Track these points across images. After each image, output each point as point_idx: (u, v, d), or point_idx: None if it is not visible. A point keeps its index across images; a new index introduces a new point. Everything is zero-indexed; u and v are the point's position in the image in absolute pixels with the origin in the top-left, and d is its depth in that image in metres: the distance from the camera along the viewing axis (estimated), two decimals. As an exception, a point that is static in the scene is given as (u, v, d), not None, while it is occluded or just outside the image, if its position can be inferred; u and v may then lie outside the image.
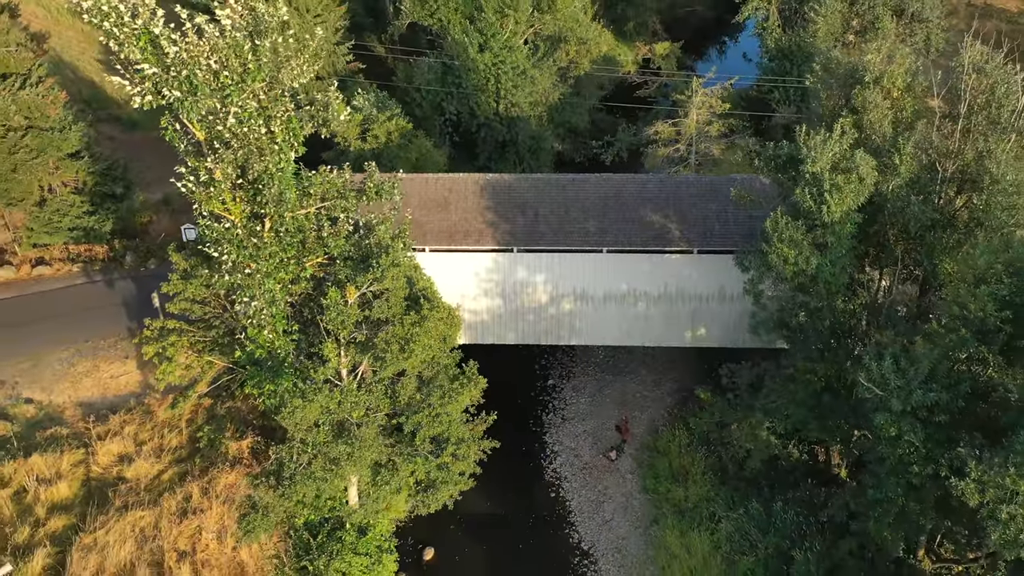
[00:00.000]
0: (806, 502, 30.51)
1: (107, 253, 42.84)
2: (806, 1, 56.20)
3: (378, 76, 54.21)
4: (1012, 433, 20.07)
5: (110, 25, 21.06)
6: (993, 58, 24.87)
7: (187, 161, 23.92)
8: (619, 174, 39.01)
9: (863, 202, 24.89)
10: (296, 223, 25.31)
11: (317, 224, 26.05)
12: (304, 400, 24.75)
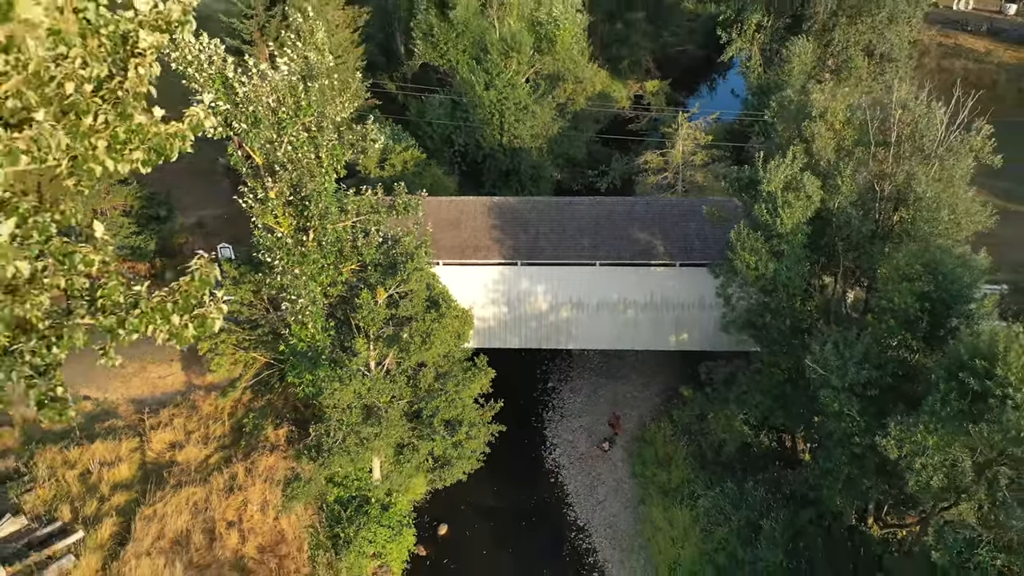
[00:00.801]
0: (773, 481, 35.10)
1: (149, 270, 47.82)
2: (784, 42, 61.94)
3: (392, 111, 59.68)
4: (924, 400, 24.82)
5: (192, 71, 26.21)
6: (919, 96, 30.06)
7: (247, 182, 28.98)
8: (610, 197, 44.28)
9: (812, 216, 29.94)
10: (335, 234, 30.30)
11: (353, 236, 31.04)
12: (341, 384, 29.53)
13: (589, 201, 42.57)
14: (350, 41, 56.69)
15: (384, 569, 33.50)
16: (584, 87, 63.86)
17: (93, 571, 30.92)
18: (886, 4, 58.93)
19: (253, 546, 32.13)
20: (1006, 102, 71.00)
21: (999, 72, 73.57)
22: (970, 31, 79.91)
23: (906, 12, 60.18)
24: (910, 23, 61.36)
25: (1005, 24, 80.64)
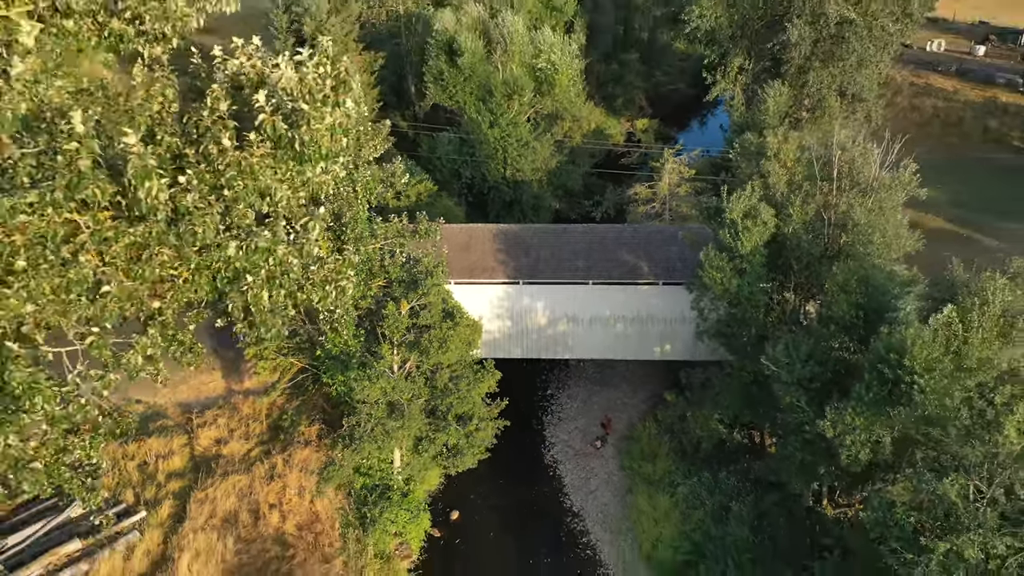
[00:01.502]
0: (743, 471, 40.55)
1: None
2: (763, 83, 68.22)
3: (404, 147, 65.89)
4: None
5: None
6: (855, 139, 36.06)
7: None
8: (602, 225, 50.23)
9: (768, 240, 35.78)
10: (366, 255, 36.07)
11: (380, 256, 36.83)
12: (370, 382, 35.17)
13: (583, 228, 48.56)
14: (367, 84, 63.08)
15: (404, 546, 38.86)
16: (580, 125, 70.22)
17: (156, 544, 36.32)
18: (855, 50, 64.92)
19: (292, 524, 37.55)
20: (972, 138, 77.46)
21: (965, 110, 79.94)
22: (940, 71, 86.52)
23: (874, 57, 66.24)
24: (878, 67, 67.45)
25: (973, 65, 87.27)
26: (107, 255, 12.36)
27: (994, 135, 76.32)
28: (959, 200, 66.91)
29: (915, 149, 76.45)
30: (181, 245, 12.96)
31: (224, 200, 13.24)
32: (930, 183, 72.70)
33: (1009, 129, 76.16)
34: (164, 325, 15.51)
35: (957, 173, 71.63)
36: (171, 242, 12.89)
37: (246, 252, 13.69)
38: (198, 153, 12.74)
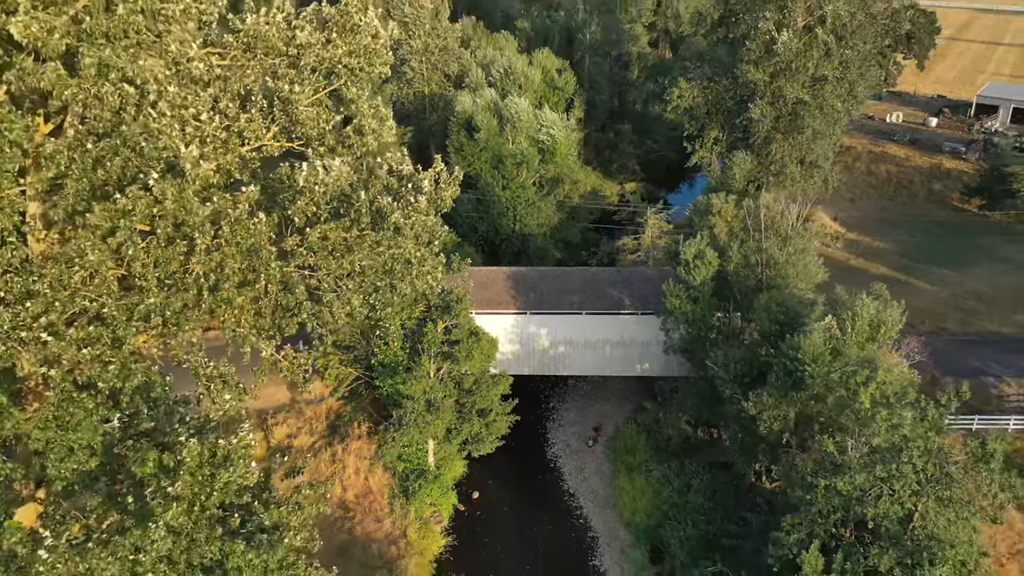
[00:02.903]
0: (703, 459, 52.45)
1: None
2: (734, 152, 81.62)
3: (429, 206, 79.20)
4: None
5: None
6: (778, 199, 49.02)
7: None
8: (593, 267, 63.02)
9: (714, 275, 48.46)
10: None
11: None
12: (415, 381, 47.55)
13: (579, 271, 61.51)
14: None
15: (437, 514, 50.74)
16: (578, 187, 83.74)
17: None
18: (809, 125, 78.35)
19: (352, 494, 49.59)
20: (919, 198, 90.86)
21: (914, 174, 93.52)
22: (896, 140, 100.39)
23: (826, 131, 79.61)
24: (830, 139, 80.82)
25: (925, 135, 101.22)
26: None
27: (937, 196, 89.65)
28: (904, 250, 79.91)
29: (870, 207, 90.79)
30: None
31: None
32: (881, 236, 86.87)
33: (950, 191, 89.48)
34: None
35: (905, 227, 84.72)
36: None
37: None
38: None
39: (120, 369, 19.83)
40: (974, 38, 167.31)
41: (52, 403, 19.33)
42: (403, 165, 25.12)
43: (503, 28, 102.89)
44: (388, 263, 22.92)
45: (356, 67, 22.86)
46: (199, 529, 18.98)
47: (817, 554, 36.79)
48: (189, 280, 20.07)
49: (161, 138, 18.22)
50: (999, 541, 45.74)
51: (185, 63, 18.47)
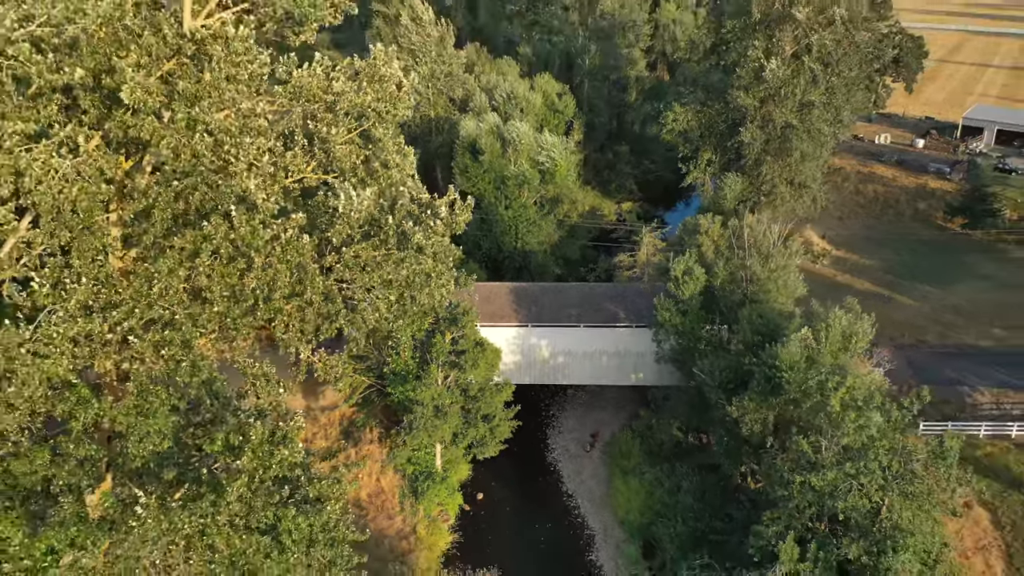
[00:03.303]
0: (693, 462, 56.30)
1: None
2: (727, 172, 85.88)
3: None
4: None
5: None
6: (761, 220, 53.15)
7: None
8: (591, 283, 67.11)
9: (702, 290, 52.51)
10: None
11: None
12: (424, 388, 51.52)
13: (577, 286, 65.65)
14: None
15: (444, 512, 54.58)
16: (577, 207, 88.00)
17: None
18: (798, 147, 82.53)
19: (365, 493, 53.46)
20: (904, 217, 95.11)
21: (901, 194, 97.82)
22: (883, 161, 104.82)
23: (814, 153, 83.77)
24: (817, 160, 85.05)
25: (911, 156, 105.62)
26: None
27: (922, 215, 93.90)
28: (889, 267, 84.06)
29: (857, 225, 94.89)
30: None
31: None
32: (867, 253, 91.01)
33: (934, 210, 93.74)
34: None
35: (890, 245, 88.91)
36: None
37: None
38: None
39: (190, 367, 23.84)
40: (964, 60, 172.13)
41: (133, 394, 23.33)
42: (422, 194, 29.20)
43: (506, 53, 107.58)
44: (411, 277, 26.98)
45: (383, 111, 27.05)
46: (257, 497, 22.91)
47: (793, 544, 40.64)
48: (247, 292, 24.13)
49: (234, 177, 22.36)
50: (966, 536, 49.51)
51: (252, 117, 22.61)
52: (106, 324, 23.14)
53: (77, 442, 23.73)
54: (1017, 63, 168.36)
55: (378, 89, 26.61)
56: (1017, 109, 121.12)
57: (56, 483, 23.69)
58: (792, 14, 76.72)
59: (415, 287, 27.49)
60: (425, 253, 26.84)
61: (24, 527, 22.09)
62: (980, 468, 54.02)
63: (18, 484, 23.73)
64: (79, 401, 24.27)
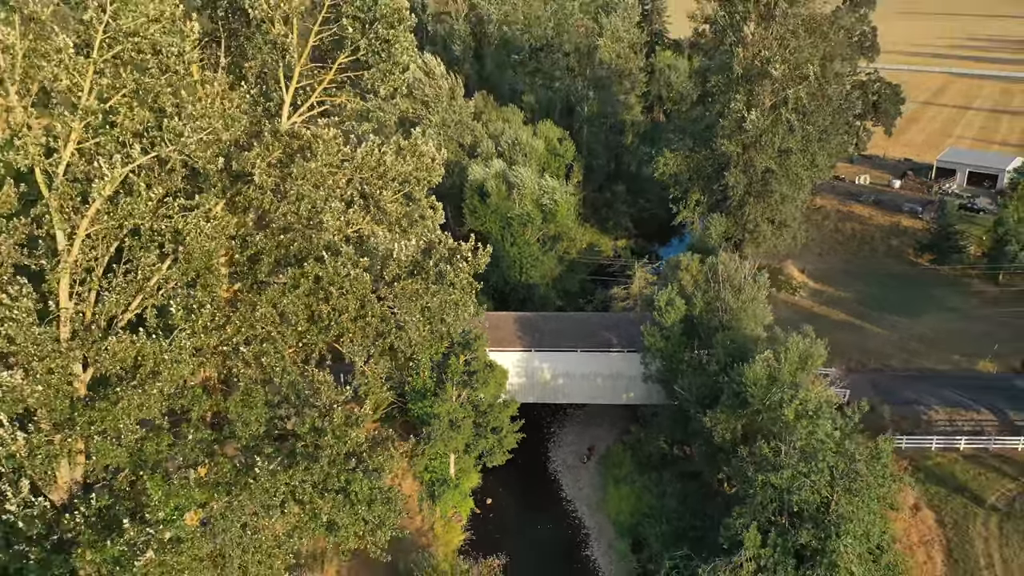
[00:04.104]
0: (677, 471, 64.46)
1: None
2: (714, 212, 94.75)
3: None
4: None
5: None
6: (733, 258, 61.89)
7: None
8: (588, 313, 75.74)
9: (683, 318, 61.10)
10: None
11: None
12: (440, 403, 59.95)
13: (575, 315, 74.34)
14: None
15: (458, 515, 62.72)
16: (576, 243, 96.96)
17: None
18: (777, 190, 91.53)
19: (388, 497, 61.48)
20: (879, 253, 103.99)
21: (876, 231, 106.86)
22: (861, 201, 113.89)
23: (793, 195, 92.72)
24: (795, 201, 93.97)
25: (887, 196, 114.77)
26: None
27: (895, 251, 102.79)
28: (862, 299, 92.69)
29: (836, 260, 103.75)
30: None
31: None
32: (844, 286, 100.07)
33: (906, 247, 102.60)
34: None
35: (864, 279, 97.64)
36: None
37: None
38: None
39: (282, 371, 32.25)
40: (947, 102, 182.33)
41: (240, 391, 31.74)
42: (450, 241, 37.96)
43: (511, 100, 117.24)
44: (443, 305, 35.53)
45: (421, 177, 35.82)
46: (334, 466, 31.20)
47: (756, 533, 48.77)
48: (324, 316, 32.65)
49: (322, 232, 31.01)
50: (912, 532, 57.58)
51: (339, 189, 31.25)
52: (218, 339, 31.69)
53: (196, 428, 32.26)
54: (996, 106, 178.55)
55: (416, 162, 35.46)
56: (987, 152, 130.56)
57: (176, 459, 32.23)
58: (769, 71, 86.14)
59: (446, 312, 36.12)
60: (456, 287, 35.46)
61: (162, 487, 30.56)
62: (930, 476, 62.32)
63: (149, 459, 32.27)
64: (194, 397, 32.88)
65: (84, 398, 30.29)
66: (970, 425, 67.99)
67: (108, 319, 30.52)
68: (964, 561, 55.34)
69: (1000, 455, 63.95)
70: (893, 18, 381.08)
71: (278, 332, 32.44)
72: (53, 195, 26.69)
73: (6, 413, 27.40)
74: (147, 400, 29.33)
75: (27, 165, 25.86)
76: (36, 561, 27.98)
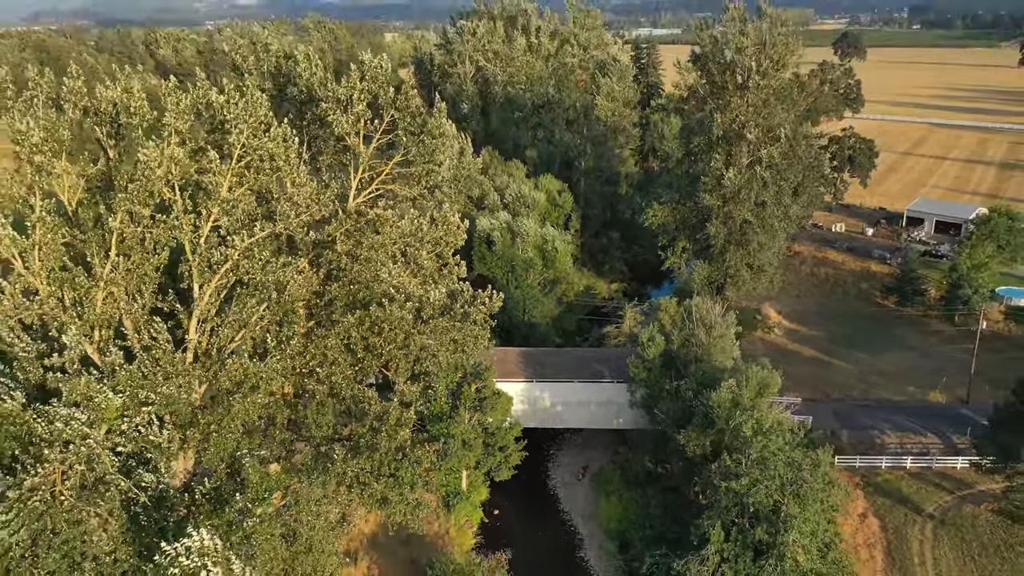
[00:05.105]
0: (659, 485, 75.16)
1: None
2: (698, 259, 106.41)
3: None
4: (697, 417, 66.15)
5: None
6: (706, 301, 73.35)
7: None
8: (583, 348, 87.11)
9: (663, 352, 72.32)
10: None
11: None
12: (455, 425, 70.97)
13: (572, 351, 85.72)
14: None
15: (469, 522, 73.43)
16: (573, 287, 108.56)
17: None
18: (755, 239, 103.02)
19: (410, 506, 72.20)
20: (849, 295, 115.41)
21: (848, 276, 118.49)
22: (836, 247, 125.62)
23: (769, 244, 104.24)
24: (772, 249, 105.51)
25: (860, 243, 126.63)
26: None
27: (864, 294, 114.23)
28: (832, 337, 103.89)
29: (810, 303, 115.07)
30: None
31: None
32: (816, 326, 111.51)
33: (874, 290, 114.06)
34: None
35: (836, 319, 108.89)
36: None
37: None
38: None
39: (347, 387, 43.35)
40: (925, 152, 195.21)
41: (315, 402, 42.85)
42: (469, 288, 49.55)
43: (514, 155, 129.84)
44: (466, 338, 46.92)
45: (449, 240, 47.47)
46: (387, 456, 42.17)
47: (720, 531, 59.51)
48: (377, 345, 44.00)
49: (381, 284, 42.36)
50: (859, 536, 68.19)
51: (395, 254, 42.96)
52: (300, 363, 42.99)
53: (280, 430, 43.49)
54: (972, 156, 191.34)
55: (445, 229, 47.21)
56: (954, 202, 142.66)
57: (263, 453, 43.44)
58: (744, 134, 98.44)
59: (467, 344, 47.63)
60: (476, 324, 46.97)
61: (258, 472, 41.73)
62: (879, 490, 73.08)
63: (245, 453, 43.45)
64: (278, 407, 44.20)
65: (202, 406, 41.62)
66: (918, 447, 78.79)
67: (219, 348, 41.97)
68: (901, 560, 65.86)
69: (941, 473, 74.65)
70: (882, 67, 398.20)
71: (343, 358, 43.71)
72: (195, 258, 38.27)
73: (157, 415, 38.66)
74: (251, 408, 40.61)
75: (179, 238, 37.48)
76: (173, 523, 39.03)
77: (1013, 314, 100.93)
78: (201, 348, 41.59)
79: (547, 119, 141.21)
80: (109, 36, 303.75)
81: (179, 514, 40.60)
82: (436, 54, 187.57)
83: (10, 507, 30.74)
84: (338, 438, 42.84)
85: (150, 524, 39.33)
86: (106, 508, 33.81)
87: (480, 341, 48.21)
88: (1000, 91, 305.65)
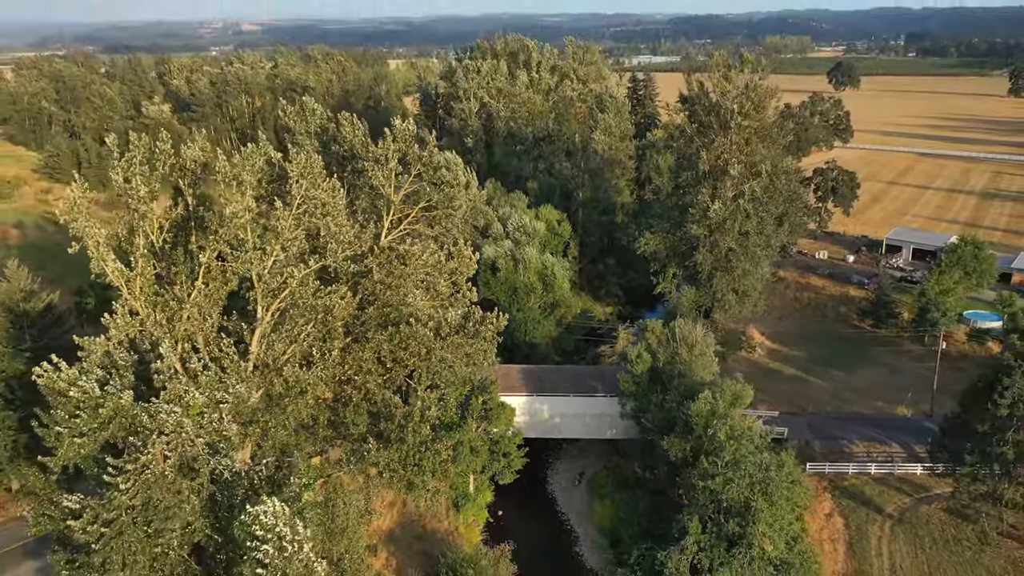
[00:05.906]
0: (648, 489, 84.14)
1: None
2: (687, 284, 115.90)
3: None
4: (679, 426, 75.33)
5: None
6: (691, 325, 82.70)
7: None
8: (580, 366, 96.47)
9: (650, 368, 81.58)
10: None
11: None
12: (463, 434, 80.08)
13: (570, 368, 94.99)
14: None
15: (476, 522, 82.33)
16: (571, 309, 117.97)
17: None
18: (739, 266, 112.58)
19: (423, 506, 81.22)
20: (828, 318, 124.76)
21: (828, 300, 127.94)
22: (818, 273, 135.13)
23: (752, 270, 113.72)
24: (756, 275, 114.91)
25: (840, 269, 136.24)
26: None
27: (842, 317, 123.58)
28: (811, 357, 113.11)
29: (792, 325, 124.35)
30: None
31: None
32: (796, 346, 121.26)
33: (852, 313, 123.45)
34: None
35: (816, 341, 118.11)
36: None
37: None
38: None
39: (378, 392, 52.65)
40: (910, 182, 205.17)
41: (352, 405, 52.10)
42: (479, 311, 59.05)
43: (516, 186, 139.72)
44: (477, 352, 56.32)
45: (463, 271, 57.07)
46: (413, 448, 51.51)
47: (697, 525, 68.49)
48: (404, 358, 53.39)
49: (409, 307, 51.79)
50: (824, 533, 77.09)
51: (420, 283, 52.65)
52: (340, 372, 52.32)
53: (322, 427, 52.80)
54: (954, 186, 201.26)
55: (461, 261, 56.83)
56: (931, 231, 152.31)
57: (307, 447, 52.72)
58: (728, 170, 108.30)
59: (478, 357, 57.10)
60: (486, 341, 56.43)
61: (306, 461, 50.94)
62: (845, 493, 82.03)
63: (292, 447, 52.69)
64: (320, 408, 53.55)
65: (259, 407, 50.98)
66: (882, 455, 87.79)
67: (274, 359, 51.41)
68: (861, 552, 74.75)
69: (903, 478, 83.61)
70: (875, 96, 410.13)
71: (375, 368, 53.04)
72: (259, 285, 47.79)
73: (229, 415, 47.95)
74: (302, 408, 49.94)
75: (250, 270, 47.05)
76: (240, 500, 48.20)
77: (976, 336, 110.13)
78: (260, 360, 50.98)
79: (547, 151, 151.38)
80: (119, 63, 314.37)
81: (241, 495, 49.79)
82: (440, 85, 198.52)
83: (128, 478, 39.83)
84: (371, 435, 52.08)
85: (222, 500, 48.53)
86: (197, 483, 42.91)
87: (488, 355, 57.55)
88: (987, 120, 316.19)
